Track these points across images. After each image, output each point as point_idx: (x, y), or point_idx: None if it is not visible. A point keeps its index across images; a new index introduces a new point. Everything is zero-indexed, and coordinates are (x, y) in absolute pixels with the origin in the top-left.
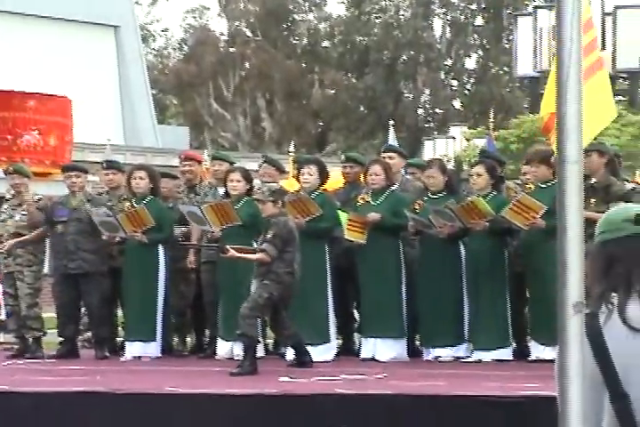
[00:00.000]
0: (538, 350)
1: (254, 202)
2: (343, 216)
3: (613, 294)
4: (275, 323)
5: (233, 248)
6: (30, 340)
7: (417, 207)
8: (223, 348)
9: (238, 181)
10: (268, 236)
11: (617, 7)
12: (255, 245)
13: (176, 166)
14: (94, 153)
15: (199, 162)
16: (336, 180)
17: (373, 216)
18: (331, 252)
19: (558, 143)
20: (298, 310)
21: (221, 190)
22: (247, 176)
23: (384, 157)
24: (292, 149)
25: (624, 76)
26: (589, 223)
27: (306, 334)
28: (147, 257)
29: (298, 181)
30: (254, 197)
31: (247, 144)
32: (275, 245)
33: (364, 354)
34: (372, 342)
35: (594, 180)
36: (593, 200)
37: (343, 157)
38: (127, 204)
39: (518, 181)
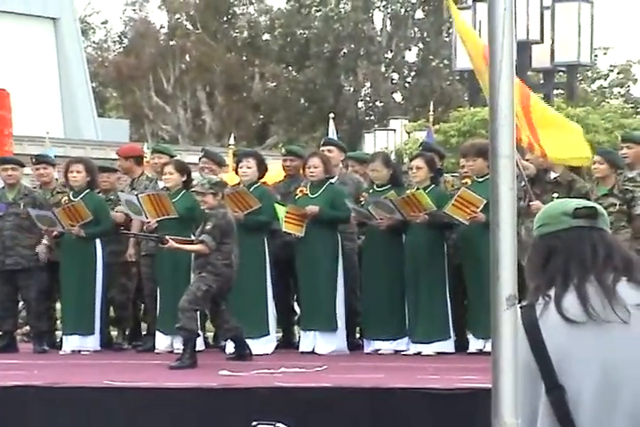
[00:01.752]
0: (477, 343)
1: (192, 195)
2: (281, 209)
3: (551, 288)
4: (214, 316)
5: (172, 239)
6: None
7: (362, 200)
8: (162, 341)
9: (171, 174)
10: (207, 227)
11: (555, 1)
12: (194, 238)
13: (116, 159)
14: (33, 146)
15: (135, 157)
16: (277, 173)
17: (311, 209)
18: (270, 245)
19: (490, 137)
20: (237, 302)
21: (162, 184)
22: (182, 168)
23: (323, 151)
24: (232, 141)
25: (562, 69)
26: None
27: (245, 327)
28: (84, 251)
29: (237, 174)
30: (193, 189)
31: (188, 137)
32: (213, 237)
33: (304, 347)
34: (311, 335)
35: (554, 174)
36: (555, 195)
37: (283, 150)
38: (64, 198)
39: (456, 174)
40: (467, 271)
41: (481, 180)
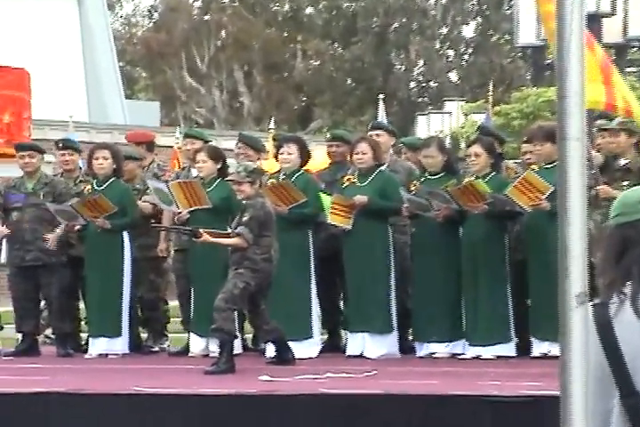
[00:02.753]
0: (541, 346)
1: (227, 184)
2: (327, 199)
3: (627, 283)
4: (253, 316)
5: (207, 232)
6: None
7: (412, 189)
8: (197, 344)
9: (204, 161)
10: (244, 219)
11: None
12: (230, 231)
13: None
14: (55, 131)
15: (146, 143)
16: (322, 160)
17: (360, 198)
18: (314, 238)
19: (558, 119)
20: (279, 302)
21: (195, 172)
22: (217, 155)
23: (372, 135)
24: (272, 125)
25: (636, 44)
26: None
27: (287, 328)
28: (110, 244)
29: (277, 161)
30: (229, 178)
31: (223, 121)
32: (251, 229)
33: (351, 351)
34: (359, 338)
35: (624, 160)
36: (626, 182)
37: (328, 134)
38: (87, 187)
39: (519, 161)
40: (531, 266)
41: (549, 166)
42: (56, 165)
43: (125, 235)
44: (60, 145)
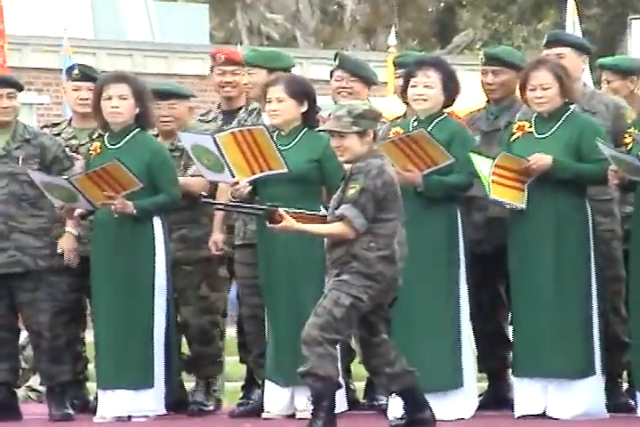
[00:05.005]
0: None
1: (319, 137)
2: (482, 161)
3: None
4: (367, 352)
5: (290, 214)
6: None
7: (626, 140)
8: (276, 397)
9: (280, 101)
10: (350, 193)
11: None
12: (324, 212)
13: (188, 77)
14: (40, 54)
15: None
16: (471, 95)
17: (541, 159)
18: (465, 225)
19: None
20: (409, 329)
21: (265, 118)
22: (299, 91)
23: (551, 55)
24: (392, 41)
25: None
26: None
27: (424, 372)
28: (133, 240)
29: (404, 98)
30: (323, 126)
31: (313, 34)
32: (362, 210)
33: (525, 408)
34: (537, 388)
35: None
36: None
37: (482, 54)
38: (95, 145)
39: None
40: None
41: None
42: (48, 110)
43: (157, 224)
44: (76, 72)
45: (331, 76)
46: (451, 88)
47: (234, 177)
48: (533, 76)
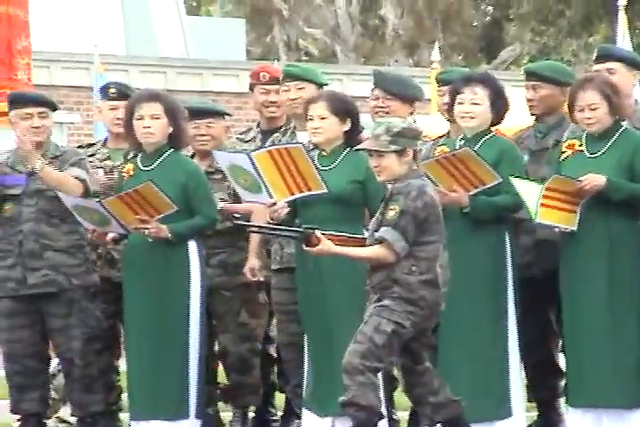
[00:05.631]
0: None
1: (360, 156)
2: (528, 185)
3: None
4: (410, 381)
5: (328, 236)
6: None
7: None
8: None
9: (322, 119)
10: (390, 215)
11: None
12: (366, 234)
13: (223, 94)
14: (70, 71)
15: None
16: (520, 113)
17: (595, 179)
18: (513, 248)
19: None
20: (453, 355)
21: (304, 136)
22: (341, 108)
23: (601, 70)
24: (435, 56)
25: None
26: None
27: (470, 401)
28: (167, 266)
29: (449, 116)
30: (362, 145)
31: (353, 49)
32: (402, 232)
33: None
34: (590, 418)
35: None
36: None
37: (524, 70)
38: (128, 167)
39: None
40: None
41: None
42: (78, 130)
43: (193, 248)
44: (112, 91)
45: (371, 93)
46: (499, 105)
47: (272, 198)
48: (580, 97)
